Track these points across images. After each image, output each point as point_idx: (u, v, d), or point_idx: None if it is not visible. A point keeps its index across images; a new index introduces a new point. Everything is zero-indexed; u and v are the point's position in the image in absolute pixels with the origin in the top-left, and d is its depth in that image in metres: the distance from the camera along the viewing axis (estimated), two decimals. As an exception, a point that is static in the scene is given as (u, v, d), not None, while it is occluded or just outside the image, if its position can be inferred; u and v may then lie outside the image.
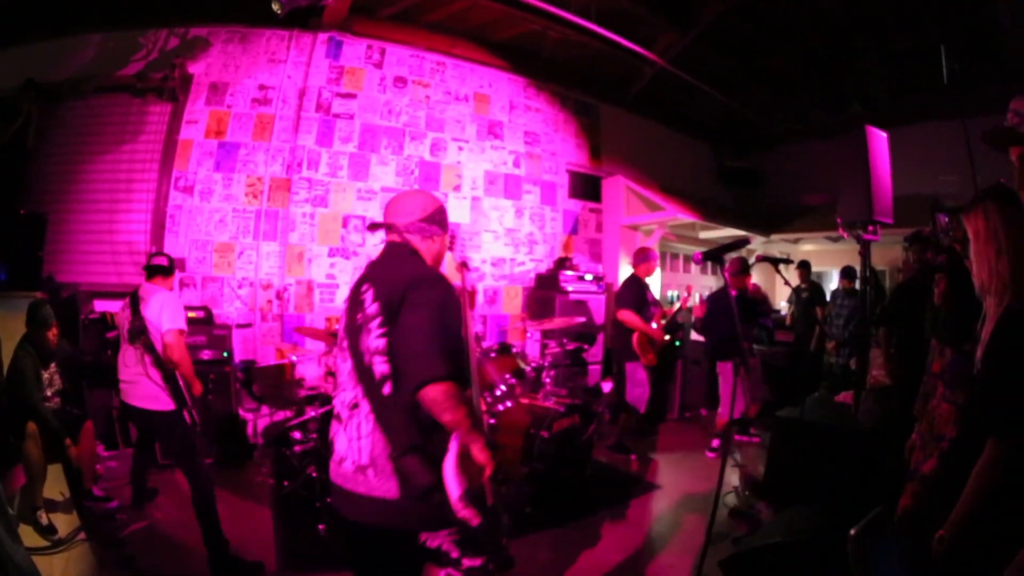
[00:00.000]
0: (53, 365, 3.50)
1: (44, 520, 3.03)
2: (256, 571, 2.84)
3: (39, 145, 5.11)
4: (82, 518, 3.20)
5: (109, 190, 5.08)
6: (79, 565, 2.80)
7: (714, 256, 2.45)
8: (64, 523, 3.12)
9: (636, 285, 4.84)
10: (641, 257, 4.95)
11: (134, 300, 3.14)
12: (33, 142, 5.09)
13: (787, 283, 3.19)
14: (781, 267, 3.20)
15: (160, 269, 3.33)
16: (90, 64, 5.31)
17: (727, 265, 4.62)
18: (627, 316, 4.70)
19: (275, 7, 4.70)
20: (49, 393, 3.41)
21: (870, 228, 3.56)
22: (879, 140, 3.66)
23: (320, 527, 3.17)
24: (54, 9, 5.21)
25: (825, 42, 6.62)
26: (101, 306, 4.61)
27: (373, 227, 1.77)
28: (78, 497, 3.35)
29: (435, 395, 1.39)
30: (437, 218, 1.73)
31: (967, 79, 6.24)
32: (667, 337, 4.95)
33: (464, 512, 1.40)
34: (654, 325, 4.78)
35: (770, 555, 2.36)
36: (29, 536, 2.82)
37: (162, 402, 2.96)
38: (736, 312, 2.66)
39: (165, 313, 3.02)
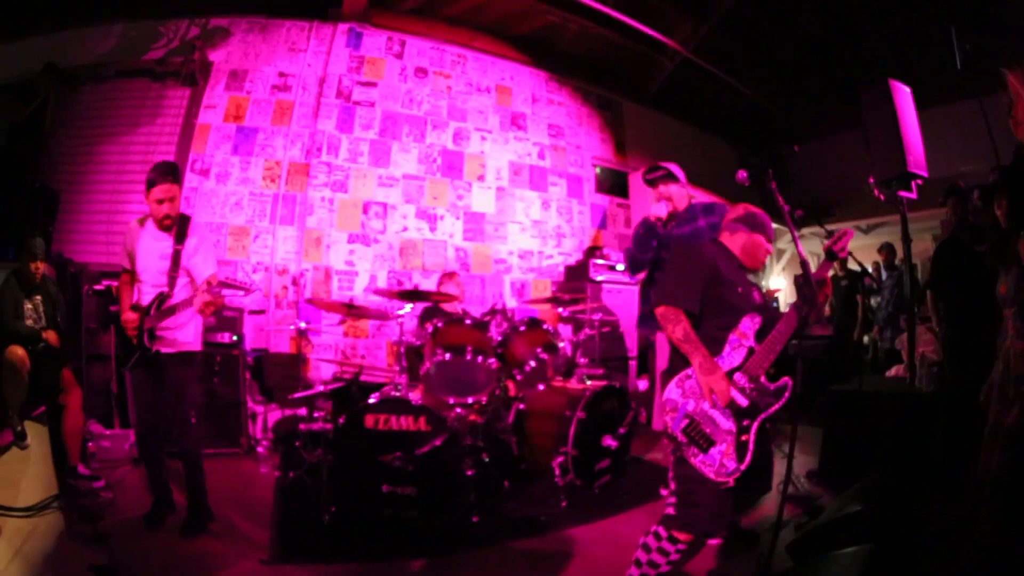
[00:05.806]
0: (38, 298, 3.50)
1: (18, 426, 3.12)
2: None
3: (57, 125, 5.03)
4: (62, 490, 2.96)
5: (127, 171, 4.93)
6: (48, 532, 2.53)
7: (759, 169, 2.17)
8: (40, 489, 2.83)
9: None
10: None
11: None
12: (51, 122, 5.03)
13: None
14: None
15: None
16: (111, 52, 5.29)
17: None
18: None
19: None
20: (30, 323, 3.42)
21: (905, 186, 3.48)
22: (903, 93, 3.64)
23: (326, 517, 2.82)
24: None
25: (829, 27, 6.40)
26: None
27: None
28: (61, 474, 3.15)
29: None
30: None
31: (980, 57, 6.03)
32: None
33: None
34: None
35: (845, 527, 2.24)
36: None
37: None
38: None
39: None
